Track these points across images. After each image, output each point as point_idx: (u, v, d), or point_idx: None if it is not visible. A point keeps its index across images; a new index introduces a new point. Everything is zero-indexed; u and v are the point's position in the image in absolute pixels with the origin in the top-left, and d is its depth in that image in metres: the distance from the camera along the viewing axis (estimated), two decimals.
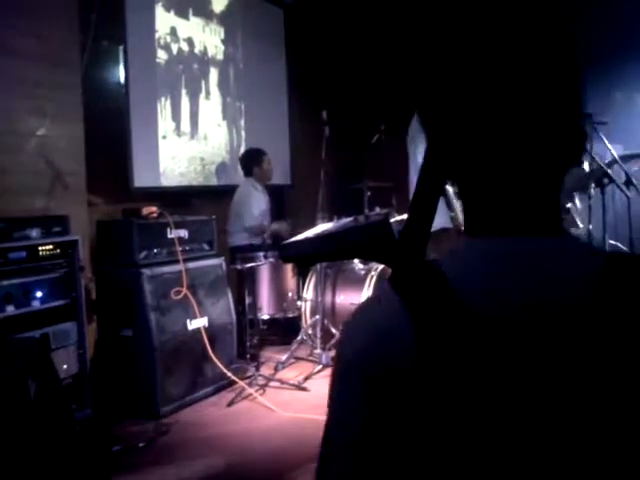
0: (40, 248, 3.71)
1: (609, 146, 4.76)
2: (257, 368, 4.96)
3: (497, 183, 0.78)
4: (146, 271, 4.32)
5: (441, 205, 0.79)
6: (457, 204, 4.89)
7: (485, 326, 0.72)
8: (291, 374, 5.11)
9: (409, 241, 0.84)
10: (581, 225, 4.88)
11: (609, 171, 4.65)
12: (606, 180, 4.68)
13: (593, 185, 4.73)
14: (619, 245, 5.33)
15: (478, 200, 0.81)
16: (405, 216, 0.88)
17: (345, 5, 7.75)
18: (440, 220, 4.76)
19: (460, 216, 4.93)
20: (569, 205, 4.85)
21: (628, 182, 4.71)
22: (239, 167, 6.43)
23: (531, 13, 0.77)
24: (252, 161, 6.17)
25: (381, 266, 5.67)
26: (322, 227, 5.27)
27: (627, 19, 6.35)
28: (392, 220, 5.22)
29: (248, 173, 6.17)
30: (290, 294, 5.54)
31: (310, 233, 5.01)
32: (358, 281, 5.62)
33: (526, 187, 0.78)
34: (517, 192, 0.78)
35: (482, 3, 0.79)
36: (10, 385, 2.34)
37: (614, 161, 4.77)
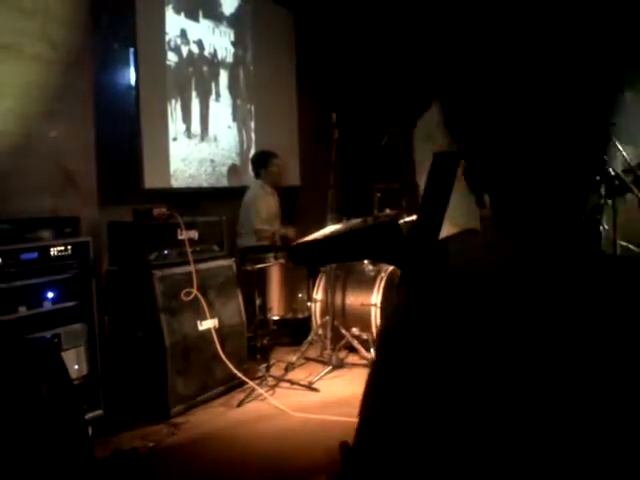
0: (51, 249, 3.73)
1: (620, 148, 4.73)
2: (267, 369, 4.96)
3: (521, 190, 0.79)
4: (157, 272, 4.34)
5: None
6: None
7: (477, 325, 0.74)
8: (301, 375, 5.11)
9: (417, 242, 0.85)
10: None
11: (621, 174, 4.62)
12: (617, 182, 4.66)
13: (604, 186, 4.70)
14: (630, 246, 5.31)
15: (505, 202, 0.82)
16: (415, 217, 0.89)
17: (354, 7, 7.76)
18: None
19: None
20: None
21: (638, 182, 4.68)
22: (249, 169, 6.47)
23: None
24: (259, 163, 6.25)
25: (391, 267, 5.67)
26: (331, 228, 5.29)
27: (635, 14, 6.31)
28: (401, 221, 5.23)
29: (256, 175, 6.25)
30: (300, 295, 5.55)
31: (319, 234, 5.03)
32: (368, 282, 5.62)
33: (545, 194, 0.79)
34: (537, 198, 0.79)
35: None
36: (22, 385, 2.36)
37: (630, 169, 4.72)
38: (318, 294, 5.72)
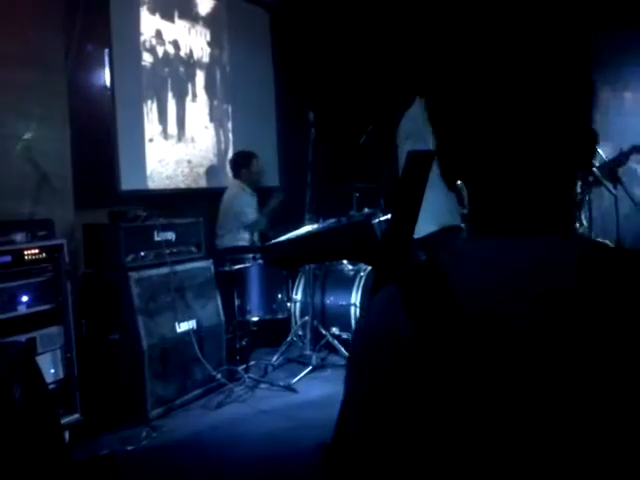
0: (25, 252, 3.68)
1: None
2: (246, 370, 4.95)
3: (504, 184, 0.77)
4: (133, 274, 4.31)
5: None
6: None
7: (478, 323, 0.72)
8: (281, 375, 5.10)
9: (391, 241, 0.84)
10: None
11: (595, 170, 4.65)
12: (591, 178, 4.69)
13: (580, 182, 4.74)
14: (606, 242, 5.35)
15: (485, 200, 0.79)
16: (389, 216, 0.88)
17: (331, 6, 7.74)
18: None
19: None
20: None
21: (614, 179, 4.72)
22: (227, 169, 6.44)
23: (540, 13, 0.76)
24: (240, 163, 6.21)
25: (370, 267, 5.67)
26: (306, 229, 5.28)
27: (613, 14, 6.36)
28: (376, 220, 5.23)
29: (236, 175, 6.20)
30: (279, 295, 5.53)
31: (292, 235, 5.02)
32: (347, 281, 5.61)
33: (533, 188, 0.76)
34: (524, 193, 0.76)
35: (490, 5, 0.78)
36: None
37: (605, 165, 4.74)
38: (297, 294, 5.71)
